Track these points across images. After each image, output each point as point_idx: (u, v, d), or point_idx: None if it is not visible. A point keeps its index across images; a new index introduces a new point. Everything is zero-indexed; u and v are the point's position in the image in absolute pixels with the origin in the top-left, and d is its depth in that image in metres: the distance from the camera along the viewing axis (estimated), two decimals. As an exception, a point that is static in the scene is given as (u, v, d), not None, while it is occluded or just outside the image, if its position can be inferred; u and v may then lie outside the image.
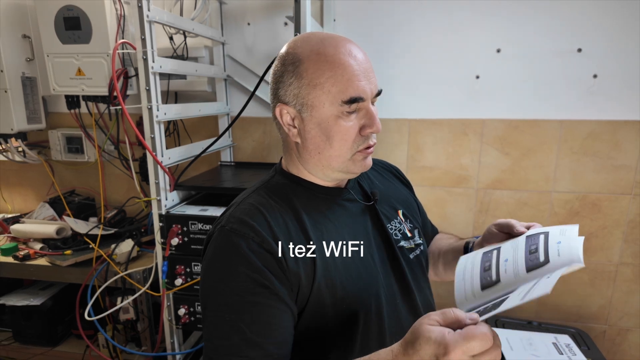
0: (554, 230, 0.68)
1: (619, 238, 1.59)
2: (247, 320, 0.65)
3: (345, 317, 0.72)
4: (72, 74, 1.45)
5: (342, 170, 0.76)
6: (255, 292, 0.65)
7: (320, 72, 0.69)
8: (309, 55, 0.70)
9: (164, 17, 1.25)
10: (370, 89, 0.70)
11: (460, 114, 1.61)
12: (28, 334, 1.63)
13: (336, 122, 0.70)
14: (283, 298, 0.67)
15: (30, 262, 1.49)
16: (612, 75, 1.49)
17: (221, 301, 0.66)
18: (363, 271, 0.75)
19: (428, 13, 1.56)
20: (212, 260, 0.70)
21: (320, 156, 0.74)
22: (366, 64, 0.71)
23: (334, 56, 0.69)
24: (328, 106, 0.70)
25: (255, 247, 0.67)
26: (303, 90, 0.70)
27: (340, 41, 0.71)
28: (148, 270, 1.41)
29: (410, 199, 0.97)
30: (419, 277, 0.85)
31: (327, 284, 0.70)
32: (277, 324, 0.66)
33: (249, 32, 1.70)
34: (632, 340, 1.67)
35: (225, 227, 0.70)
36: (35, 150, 1.87)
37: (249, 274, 0.66)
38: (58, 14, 1.39)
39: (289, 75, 0.71)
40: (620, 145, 1.52)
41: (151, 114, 1.23)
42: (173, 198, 1.36)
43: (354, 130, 0.71)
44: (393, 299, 0.78)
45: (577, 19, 1.46)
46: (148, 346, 1.52)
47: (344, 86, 0.68)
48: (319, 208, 0.77)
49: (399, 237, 0.84)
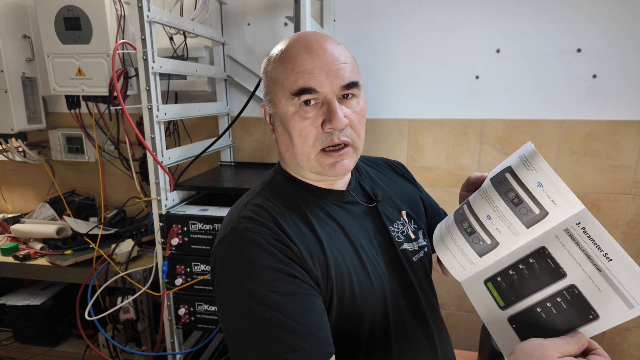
0: (515, 162, 0.60)
1: (618, 238, 1.59)
2: (290, 314, 0.60)
3: (351, 320, 0.70)
4: (73, 74, 1.45)
5: (313, 172, 0.73)
6: (289, 283, 0.63)
7: (276, 68, 0.70)
8: (276, 54, 0.71)
9: (164, 17, 1.25)
10: (329, 82, 0.67)
11: (460, 114, 1.61)
12: (28, 333, 1.64)
13: (293, 117, 0.69)
14: (313, 285, 0.65)
15: (30, 262, 1.49)
16: (611, 76, 1.49)
17: (256, 302, 0.61)
18: (371, 273, 0.73)
19: (428, 13, 1.56)
20: (232, 262, 0.65)
21: (289, 154, 0.73)
22: (328, 55, 0.67)
23: (289, 51, 0.69)
24: (284, 102, 0.69)
25: (275, 242, 0.65)
26: (268, 88, 0.73)
27: (306, 37, 0.70)
28: (148, 270, 1.41)
29: (415, 196, 0.94)
30: (422, 280, 0.83)
31: (338, 286, 0.69)
32: (319, 310, 0.64)
33: (249, 33, 1.70)
34: (632, 340, 1.67)
35: (238, 228, 0.67)
36: (36, 150, 1.87)
37: (277, 266, 0.63)
38: (58, 14, 1.40)
39: (263, 74, 0.75)
40: (620, 146, 1.52)
41: (151, 114, 1.23)
42: (173, 198, 1.36)
43: (312, 126, 0.68)
44: (398, 303, 0.77)
45: (577, 19, 1.47)
46: (148, 346, 1.52)
47: (293, 78, 0.67)
48: (323, 209, 0.75)
49: (401, 240, 0.82)
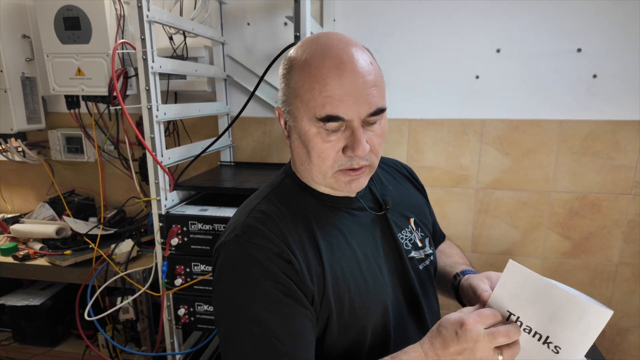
0: None
1: (618, 238, 1.59)
2: (277, 332, 0.63)
3: (351, 330, 0.71)
4: (72, 74, 1.45)
5: (326, 186, 0.72)
6: (282, 303, 0.64)
7: (301, 83, 0.65)
8: (298, 62, 0.66)
9: (163, 17, 1.25)
10: (357, 109, 0.63)
11: (460, 114, 1.61)
12: (28, 334, 1.63)
13: (314, 138, 0.66)
14: (306, 304, 0.66)
15: (29, 262, 1.49)
16: (611, 75, 1.49)
17: (247, 315, 0.64)
18: (371, 284, 0.73)
19: (428, 13, 1.55)
20: (231, 273, 0.67)
21: (304, 168, 0.72)
22: (360, 79, 0.63)
23: (317, 68, 0.63)
24: (307, 120, 0.66)
25: (275, 257, 0.65)
26: (289, 98, 0.68)
27: (334, 50, 0.64)
28: (148, 270, 1.41)
29: (423, 205, 0.94)
30: (427, 288, 0.83)
31: (335, 298, 0.69)
32: (304, 330, 0.65)
33: (249, 32, 1.70)
34: (632, 340, 1.67)
35: (241, 238, 0.67)
36: (35, 150, 1.87)
37: (273, 284, 0.64)
38: (58, 13, 1.39)
39: (282, 79, 0.70)
40: (620, 145, 1.52)
41: (151, 114, 1.23)
42: (173, 198, 1.36)
43: (332, 150, 0.66)
44: (400, 312, 0.77)
45: (577, 19, 1.46)
46: (148, 346, 1.52)
47: (321, 103, 0.63)
48: (329, 218, 0.74)
49: (409, 248, 0.81)
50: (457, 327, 0.58)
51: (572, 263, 1.63)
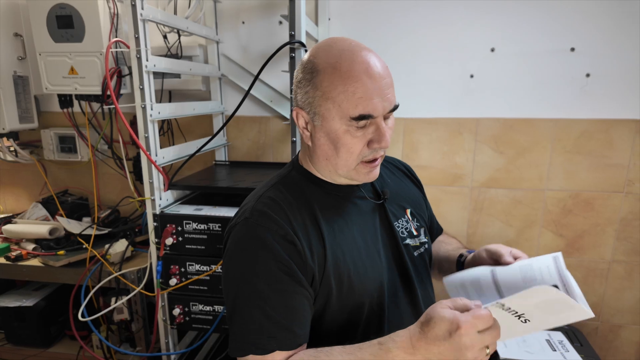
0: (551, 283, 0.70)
1: (611, 236, 1.60)
2: (276, 307, 0.71)
3: (349, 308, 0.77)
4: (65, 73, 1.44)
5: (347, 177, 0.80)
6: (282, 281, 0.71)
7: (333, 86, 0.71)
8: (325, 67, 0.72)
9: (157, 15, 1.24)
10: (382, 106, 0.71)
11: (455, 113, 1.62)
12: (21, 335, 1.62)
13: (344, 135, 0.73)
14: (304, 285, 0.73)
15: (22, 263, 1.48)
16: (604, 74, 1.50)
17: (251, 290, 0.72)
18: (369, 267, 0.80)
19: (422, 12, 1.56)
20: (240, 251, 0.75)
21: (328, 162, 0.79)
22: (382, 80, 0.71)
23: (348, 72, 0.70)
24: (338, 120, 0.73)
25: (280, 239, 0.72)
26: (317, 101, 0.74)
27: (359, 55, 0.72)
28: (142, 270, 1.41)
29: (420, 199, 1.00)
30: (422, 274, 0.89)
31: (335, 277, 0.75)
32: (302, 309, 0.73)
33: (244, 31, 1.69)
34: (624, 337, 1.69)
35: (249, 220, 0.75)
36: (28, 150, 1.85)
37: (275, 264, 0.71)
38: (50, 12, 1.38)
39: (306, 83, 0.75)
40: (613, 144, 1.54)
41: (145, 113, 1.22)
42: (167, 198, 1.35)
43: (360, 144, 0.74)
44: (395, 293, 0.83)
45: (570, 18, 1.47)
46: (142, 346, 1.51)
47: (354, 103, 0.70)
48: (332, 205, 0.81)
49: (405, 235, 0.88)
50: (451, 329, 0.60)
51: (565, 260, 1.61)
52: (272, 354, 0.70)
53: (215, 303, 1.31)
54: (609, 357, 1.71)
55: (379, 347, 0.65)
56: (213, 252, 1.27)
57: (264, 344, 0.70)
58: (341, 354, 0.67)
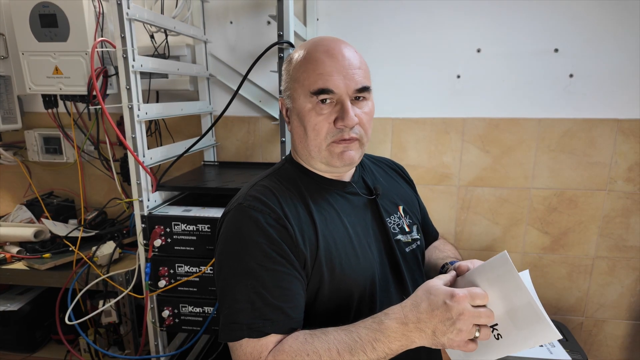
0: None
1: (594, 232, 1.64)
2: (268, 286, 0.70)
3: (340, 296, 0.78)
4: (49, 73, 1.41)
5: (323, 162, 0.81)
6: (275, 261, 0.72)
7: (299, 68, 0.79)
8: (298, 56, 0.80)
9: (144, 15, 1.23)
10: (345, 84, 0.75)
11: (442, 113, 1.64)
12: (5, 340, 1.59)
13: (309, 113, 0.77)
14: (297, 267, 0.74)
15: (6, 267, 1.44)
16: (587, 75, 1.53)
17: (243, 269, 0.72)
18: (361, 256, 0.81)
19: (410, 14, 1.57)
20: (232, 233, 0.75)
21: (302, 145, 0.82)
22: (346, 60, 0.76)
23: (311, 54, 0.77)
24: (303, 98, 0.78)
25: (272, 222, 0.74)
26: (289, 84, 0.81)
27: (327, 41, 0.79)
28: (130, 273, 1.39)
29: (412, 197, 1.02)
30: (413, 269, 0.90)
31: (327, 264, 0.76)
32: (294, 291, 0.73)
33: (232, 31, 1.68)
34: (608, 331, 1.73)
35: (243, 204, 0.76)
36: (11, 151, 1.81)
37: (268, 244, 0.72)
38: (33, 10, 1.36)
39: (285, 73, 0.83)
40: (595, 143, 1.57)
41: (132, 113, 1.21)
42: (155, 199, 1.34)
43: (325, 122, 0.77)
44: (386, 286, 0.83)
45: (554, 20, 1.50)
46: (131, 349, 1.49)
47: (314, 79, 0.75)
48: (324, 197, 0.83)
49: (396, 231, 0.89)
50: (446, 297, 0.62)
51: (551, 257, 1.68)
52: (266, 337, 0.68)
53: (205, 304, 1.30)
54: (594, 351, 1.75)
55: (372, 320, 0.67)
56: (202, 253, 1.27)
57: (259, 325, 0.68)
58: (336, 331, 0.68)
